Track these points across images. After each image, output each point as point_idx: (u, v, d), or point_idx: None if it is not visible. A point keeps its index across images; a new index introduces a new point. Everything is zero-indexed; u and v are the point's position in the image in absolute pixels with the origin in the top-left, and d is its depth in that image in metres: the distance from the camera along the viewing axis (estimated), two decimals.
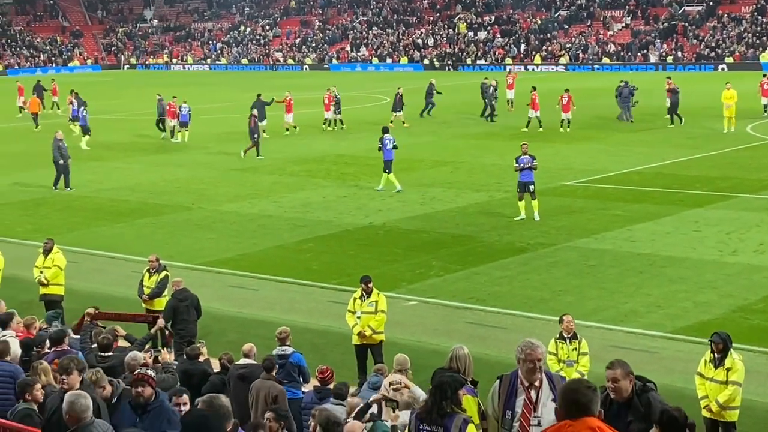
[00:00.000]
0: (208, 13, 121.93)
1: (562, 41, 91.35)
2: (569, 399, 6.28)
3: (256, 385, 12.82)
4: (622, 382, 8.25)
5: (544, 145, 40.82)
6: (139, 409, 9.68)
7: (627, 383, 8.27)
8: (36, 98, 55.28)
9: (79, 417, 8.48)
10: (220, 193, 32.80)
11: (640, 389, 8.34)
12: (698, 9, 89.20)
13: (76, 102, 48.51)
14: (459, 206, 29.24)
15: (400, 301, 20.07)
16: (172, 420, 9.52)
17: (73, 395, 8.64)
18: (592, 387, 6.44)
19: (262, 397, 12.65)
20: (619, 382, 8.26)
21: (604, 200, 29.46)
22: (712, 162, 35.26)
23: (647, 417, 8.16)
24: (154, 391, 9.78)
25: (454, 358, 9.33)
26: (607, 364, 8.56)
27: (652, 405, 8.24)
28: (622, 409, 8.28)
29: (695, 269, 21.83)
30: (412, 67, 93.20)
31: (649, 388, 8.42)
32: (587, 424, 6.13)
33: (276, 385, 12.84)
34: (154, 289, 18.57)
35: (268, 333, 17.80)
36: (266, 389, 12.70)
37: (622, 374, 8.28)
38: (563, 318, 14.48)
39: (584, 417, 6.16)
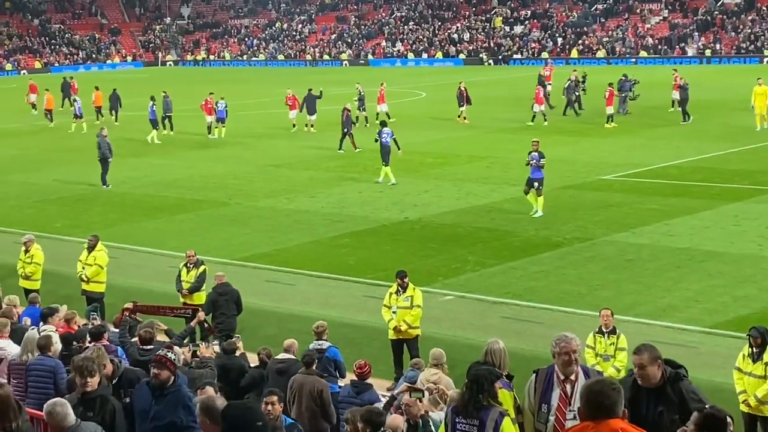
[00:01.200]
0: (244, 10, 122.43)
1: (599, 35, 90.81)
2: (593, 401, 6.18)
3: (298, 380, 12.84)
4: (650, 368, 7.76)
5: (581, 139, 40.70)
6: (157, 391, 9.66)
7: (655, 369, 7.78)
8: (50, 95, 55.61)
9: (61, 425, 8.46)
10: (256, 189, 32.95)
11: (672, 377, 7.86)
12: (737, 1, 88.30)
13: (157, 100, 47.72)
14: (495, 201, 29.19)
15: (436, 296, 20.07)
16: (188, 406, 9.47)
17: (49, 405, 8.57)
18: (617, 388, 6.30)
19: (306, 391, 12.67)
20: (646, 368, 7.77)
21: (642, 194, 29.27)
22: (751, 155, 34.93)
23: (680, 408, 7.74)
24: (172, 374, 9.69)
25: (489, 353, 9.32)
26: (634, 348, 8.13)
27: (686, 396, 7.80)
28: (652, 397, 7.82)
29: (734, 264, 21.65)
30: (452, 62, 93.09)
31: (682, 375, 7.95)
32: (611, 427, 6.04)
33: (320, 380, 12.87)
34: (193, 283, 18.70)
35: (305, 327, 17.88)
36: (310, 384, 12.71)
37: (649, 359, 7.77)
38: (601, 312, 14.44)
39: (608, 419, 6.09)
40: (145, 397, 9.73)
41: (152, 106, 45.71)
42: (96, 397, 9.62)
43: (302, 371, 12.96)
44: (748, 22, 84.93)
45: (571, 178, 32.01)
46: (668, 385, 7.81)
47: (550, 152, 37.33)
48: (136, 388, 10.02)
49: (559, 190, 30.34)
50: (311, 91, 46.79)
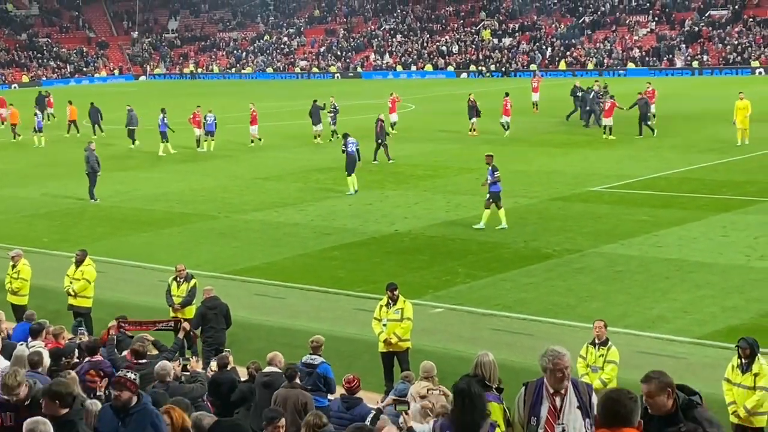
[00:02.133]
0: (232, 23, 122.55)
1: (587, 47, 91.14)
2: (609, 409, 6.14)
3: (282, 394, 12.83)
4: (658, 398, 7.27)
5: (569, 151, 40.80)
6: (121, 413, 9.41)
7: (664, 398, 7.29)
8: (15, 110, 55.64)
9: None
10: (245, 202, 32.93)
11: (685, 404, 7.42)
12: (724, 13, 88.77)
13: None
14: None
15: (426, 308, 20.07)
16: (155, 424, 9.28)
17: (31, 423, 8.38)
18: (634, 397, 6.24)
19: (291, 405, 12.67)
20: (655, 397, 7.27)
21: (631, 205, 29.34)
22: (739, 166, 35.06)
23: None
24: (133, 394, 9.42)
25: (479, 365, 9.32)
26: (642, 377, 7.55)
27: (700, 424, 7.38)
28: (663, 425, 7.31)
29: (722, 274, 21.70)
30: (444, 74, 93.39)
31: (695, 403, 7.52)
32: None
33: (304, 393, 12.86)
34: (185, 297, 18.66)
35: (295, 341, 17.91)
36: (294, 397, 12.71)
37: (657, 389, 7.28)
38: (594, 323, 14.42)
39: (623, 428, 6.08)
40: (109, 421, 9.48)
41: (162, 118, 45.75)
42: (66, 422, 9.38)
43: (285, 385, 12.95)
44: (734, 33, 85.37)
45: (560, 190, 32.08)
46: (681, 413, 7.41)
47: (538, 163, 37.60)
48: (100, 412, 9.83)
49: (549, 201, 30.41)
50: (316, 102, 47.02)
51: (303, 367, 14.31)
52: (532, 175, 35.35)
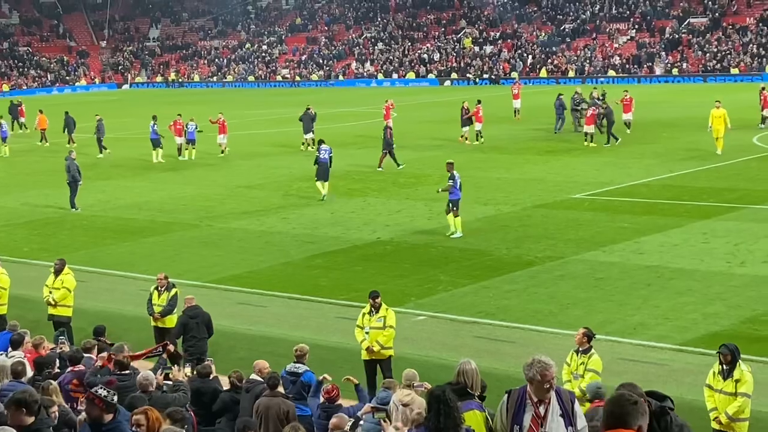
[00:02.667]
0: (213, 32, 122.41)
1: (568, 54, 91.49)
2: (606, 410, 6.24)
3: (264, 403, 12.82)
4: None
5: (551, 158, 40.92)
6: (95, 430, 9.22)
7: None
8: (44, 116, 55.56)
9: None
10: (227, 210, 32.88)
11: (657, 411, 7.56)
12: (703, 21, 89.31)
13: None
14: (466, 220, 29.19)
15: (408, 316, 20.07)
16: None
17: None
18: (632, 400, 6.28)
19: (273, 414, 12.65)
20: None
21: (612, 213, 29.45)
22: (719, 173, 35.25)
23: None
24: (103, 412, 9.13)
25: (461, 373, 9.33)
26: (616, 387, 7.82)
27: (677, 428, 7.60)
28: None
29: (703, 281, 21.80)
30: (428, 82, 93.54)
31: (667, 409, 7.69)
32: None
33: (285, 401, 12.84)
34: (165, 306, 18.61)
35: (278, 350, 17.88)
36: (276, 406, 12.69)
37: None
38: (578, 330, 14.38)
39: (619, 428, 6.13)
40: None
41: (153, 125, 45.74)
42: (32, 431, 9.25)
43: (267, 394, 12.94)
44: (713, 41, 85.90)
45: (542, 197, 32.17)
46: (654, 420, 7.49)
47: (520, 171, 37.69)
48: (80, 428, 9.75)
49: (531, 209, 30.49)
50: (309, 110, 46.96)
51: (287, 375, 14.30)
52: (514, 182, 35.45)
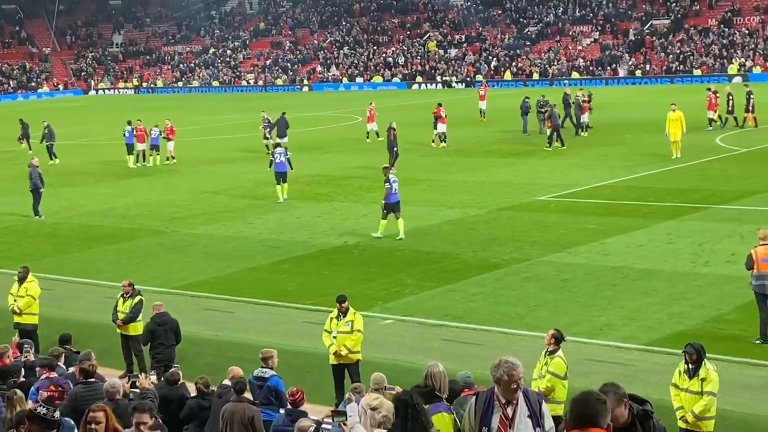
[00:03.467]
0: (177, 37, 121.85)
1: (532, 57, 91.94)
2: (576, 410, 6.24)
3: (229, 408, 12.78)
4: (617, 410, 7.26)
5: (516, 161, 41.10)
6: None
7: (622, 410, 7.33)
8: None
9: None
10: (193, 216, 32.72)
11: (641, 414, 7.49)
12: (665, 22, 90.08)
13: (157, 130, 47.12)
14: (433, 224, 29.32)
15: (375, 320, 20.07)
16: None
17: None
18: (602, 399, 6.32)
19: (237, 419, 12.62)
20: (614, 410, 7.16)
21: (577, 214, 29.61)
22: (682, 174, 35.54)
23: None
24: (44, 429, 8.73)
25: (429, 376, 9.36)
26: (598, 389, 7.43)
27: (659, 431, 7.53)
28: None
29: (668, 281, 21.96)
30: (395, 86, 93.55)
31: (650, 413, 7.62)
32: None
33: (251, 407, 12.80)
34: (128, 314, 18.50)
35: (245, 355, 17.81)
36: (241, 411, 12.66)
37: (615, 401, 7.28)
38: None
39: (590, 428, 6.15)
40: None
41: (128, 129, 45.69)
42: None
43: (233, 399, 12.91)
44: (676, 42, 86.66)
45: (508, 200, 32.29)
46: (638, 423, 7.47)
47: (486, 174, 37.82)
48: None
49: (497, 211, 30.60)
50: (284, 115, 47.03)
51: (254, 380, 14.25)
52: (480, 185, 35.56)
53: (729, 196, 30.75)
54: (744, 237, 25.09)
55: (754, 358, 17.02)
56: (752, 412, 14.99)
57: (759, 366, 16.72)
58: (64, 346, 16.28)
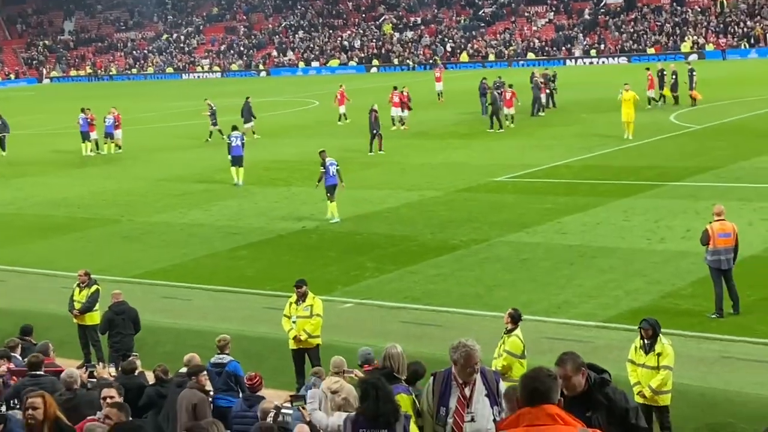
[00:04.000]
0: (129, 23, 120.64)
1: (488, 38, 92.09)
2: (528, 387, 6.25)
3: (181, 394, 12.74)
4: (575, 378, 7.37)
5: (472, 142, 41.18)
6: None
7: (579, 378, 7.40)
8: None
9: None
10: (149, 204, 32.48)
11: (597, 383, 7.57)
12: (618, 2, 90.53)
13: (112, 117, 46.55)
14: (391, 206, 29.33)
15: (335, 304, 20.05)
16: None
17: None
18: (552, 375, 6.36)
19: (184, 405, 12.57)
20: (571, 379, 7.36)
21: (534, 194, 29.74)
22: (638, 152, 35.80)
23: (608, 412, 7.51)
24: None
25: (387, 357, 9.37)
26: (556, 360, 7.60)
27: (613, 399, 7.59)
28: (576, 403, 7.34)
29: (625, 258, 22.14)
30: (354, 69, 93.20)
31: (607, 381, 7.70)
32: (546, 411, 6.13)
33: (197, 393, 12.71)
34: (84, 303, 18.33)
35: (204, 342, 17.70)
36: (188, 397, 12.62)
37: (573, 369, 7.36)
38: None
39: (543, 404, 6.18)
40: None
41: (83, 117, 45.19)
42: None
43: (189, 385, 12.87)
44: (629, 21, 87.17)
45: (465, 181, 32.36)
46: (594, 391, 7.56)
47: (443, 156, 37.88)
48: None
49: (455, 193, 30.66)
50: (248, 99, 46.97)
51: (212, 367, 14.18)
52: (437, 167, 35.60)
53: (684, 173, 31.03)
54: (699, 213, 25.34)
55: (709, 332, 17.22)
56: (708, 385, 15.17)
57: (714, 340, 16.93)
58: (25, 337, 16.11)
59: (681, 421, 13.67)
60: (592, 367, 7.75)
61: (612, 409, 7.57)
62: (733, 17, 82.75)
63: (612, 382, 7.81)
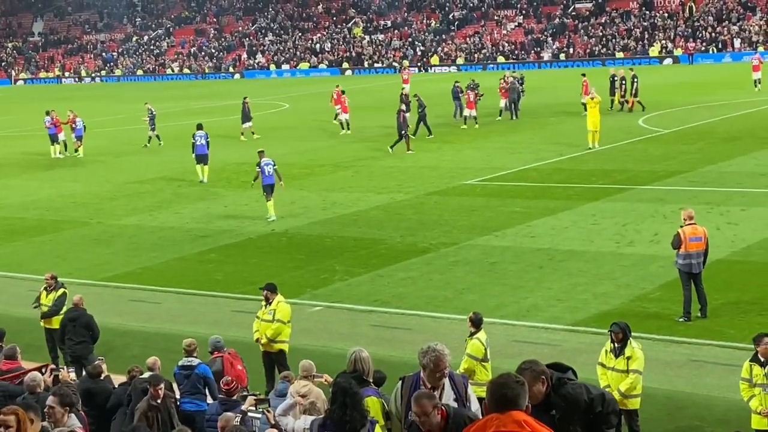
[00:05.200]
0: (99, 25, 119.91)
1: (458, 42, 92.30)
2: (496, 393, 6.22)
3: (140, 406, 12.74)
4: (534, 387, 7.14)
5: (443, 145, 41.23)
6: None
7: (540, 386, 7.24)
8: None
9: None
10: (118, 207, 32.30)
11: (555, 384, 7.41)
12: (588, 6, 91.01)
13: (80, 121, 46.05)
14: (361, 209, 29.32)
15: (304, 308, 20.02)
16: None
17: None
18: (521, 381, 6.34)
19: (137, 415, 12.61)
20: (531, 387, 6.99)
21: (504, 197, 29.83)
22: (606, 155, 35.98)
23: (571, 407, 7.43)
24: None
25: (356, 360, 9.36)
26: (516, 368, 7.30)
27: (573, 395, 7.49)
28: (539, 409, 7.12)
29: (594, 262, 22.25)
30: (329, 72, 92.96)
31: (565, 380, 7.54)
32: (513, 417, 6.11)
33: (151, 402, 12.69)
34: (51, 307, 18.18)
35: (173, 346, 17.61)
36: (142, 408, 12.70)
37: (532, 378, 7.13)
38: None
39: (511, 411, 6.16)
40: None
41: (48, 120, 44.96)
42: None
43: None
44: (598, 26, 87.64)
45: (435, 184, 32.40)
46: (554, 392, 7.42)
47: (413, 159, 37.90)
48: None
49: (424, 196, 30.69)
50: (246, 100, 46.95)
51: (180, 370, 14.11)
52: (407, 170, 35.63)
53: (652, 177, 31.23)
54: (667, 217, 25.52)
55: (677, 335, 17.34)
56: (676, 388, 15.28)
57: (682, 343, 17.04)
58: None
59: (649, 424, 13.75)
60: (557, 366, 7.68)
61: (573, 405, 7.51)
62: (701, 22, 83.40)
63: (574, 379, 7.69)
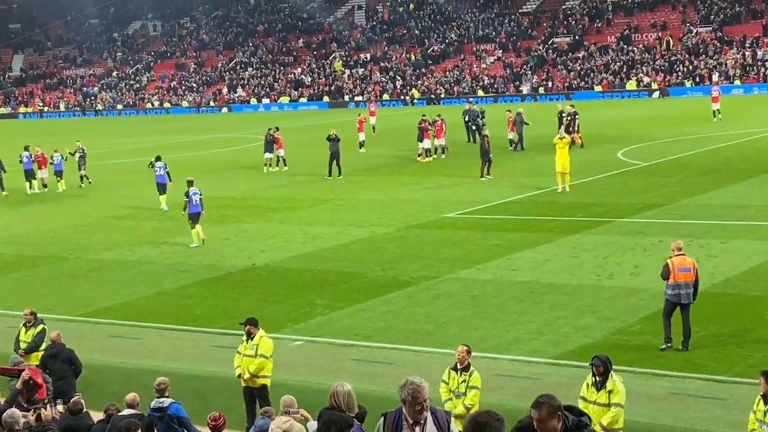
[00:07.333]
0: (79, 60, 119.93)
1: (438, 75, 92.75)
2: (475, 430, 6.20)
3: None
4: (550, 423, 7.04)
5: (423, 179, 41.30)
6: None
7: (555, 422, 7.06)
8: None
9: None
10: (97, 241, 32.15)
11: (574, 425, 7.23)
12: (566, 40, 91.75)
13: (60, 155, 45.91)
14: (342, 243, 29.28)
15: (285, 342, 19.91)
16: None
17: None
18: (501, 419, 6.30)
19: None
20: (546, 422, 7.04)
21: (485, 231, 29.87)
22: (586, 189, 36.12)
23: None
24: None
25: (333, 395, 9.31)
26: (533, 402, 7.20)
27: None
28: None
29: (574, 295, 22.26)
30: (317, 105, 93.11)
31: (584, 424, 7.35)
32: None
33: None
34: (30, 343, 18.02)
35: (152, 382, 17.42)
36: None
37: (548, 413, 7.03)
38: (458, 348, 14.39)
39: None
40: None
41: (26, 155, 44.95)
42: None
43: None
44: (577, 60, 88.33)
45: (416, 218, 32.42)
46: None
47: (394, 192, 37.96)
48: None
49: (405, 229, 30.69)
50: (270, 131, 47.28)
51: (153, 412, 13.91)
52: (388, 203, 35.65)
53: (631, 210, 31.35)
54: (647, 249, 25.61)
55: (658, 368, 17.32)
56: (657, 421, 15.24)
57: (663, 376, 17.02)
58: None
59: None
60: (570, 409, 7.47)
61: None
62: (678, 56, 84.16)
63: (590, 425, 7.53)
